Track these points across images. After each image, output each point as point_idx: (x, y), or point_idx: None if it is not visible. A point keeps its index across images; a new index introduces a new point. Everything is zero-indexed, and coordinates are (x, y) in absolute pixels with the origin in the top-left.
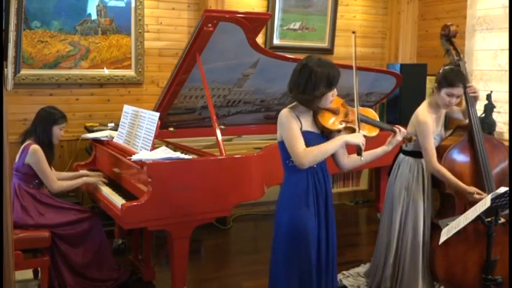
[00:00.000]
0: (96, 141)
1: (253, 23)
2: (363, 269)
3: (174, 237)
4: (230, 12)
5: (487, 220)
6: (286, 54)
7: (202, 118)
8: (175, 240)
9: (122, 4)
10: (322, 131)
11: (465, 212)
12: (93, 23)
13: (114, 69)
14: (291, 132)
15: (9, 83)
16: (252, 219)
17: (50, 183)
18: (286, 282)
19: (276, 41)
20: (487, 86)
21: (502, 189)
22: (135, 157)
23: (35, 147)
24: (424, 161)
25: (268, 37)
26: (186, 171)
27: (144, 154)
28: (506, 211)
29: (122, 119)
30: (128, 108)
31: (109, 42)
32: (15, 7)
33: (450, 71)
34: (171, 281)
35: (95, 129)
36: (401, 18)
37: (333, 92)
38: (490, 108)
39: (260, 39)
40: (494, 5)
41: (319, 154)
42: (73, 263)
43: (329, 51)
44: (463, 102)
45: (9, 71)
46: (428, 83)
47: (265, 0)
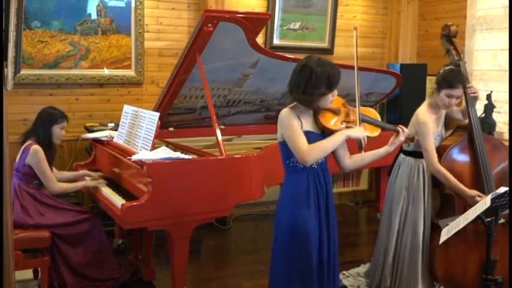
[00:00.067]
0: (96, 141)
1: (253, 23)
2: (363, 269)
3: (174, 237)
4: (230, 12)
5: (487, 220)
6: (286, 54)
7: (202, 118)
8: (175, 240)
9: (122, 4)
10: (322, 131)
11: (465, 212)
12: (93, 23)
13: (114, 69)
14: (292, 131)
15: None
16: (252, 219)
17: (49, 184)
18: (287, 283)
19: (276, 41)
20: (487, 86)
21: (502, 189)
22: (135, 157)
23: (36, 147)
24: (424, 161)
25: (268, 37)
26: (186, 171)
27: (144, 154)
28: (506, 211)
29: (122, 119)
30: (128, 108)
31: (109, 42)
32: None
33: (449, 72)
34: (171, 281)
35: (95, 129)
36: (401, 18)
37: (333, 92)
38: (490, 108)
39: (260, 39)
40: (494, 5)
41: (322, 150)
42: (73, 263)
43: (329, 51)
44: (463, 102)
45: (9, 71)
46: (428, 83)
47: (265, 0)
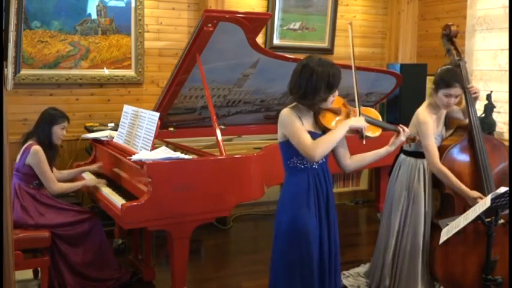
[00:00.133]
0: (96, 141)
1: (253, 23)
2: (363, 269)
3: (174, 237)
4: (230, 12)
5: (487, 220)
6: (286, 54)
7: (202, 118)
8: (175, 240)
9: (122, 4)
10: (323, 131)
11: (465, 212)
12: (93, 23)
13: (114, 69)
14: (295, 129)
15: (9, 83)
16: (252, 219)
17: (49, 185)
18: (287, 282)
19: (276, 41)
20: (487, 86)
21: (502, 189)
22: (135, 157)
23: (36, 148)
24: (425, 162)
25: (268, 37)
26: (186, 171)
27: (144, 154)
28: (506, 211)
29: (122, 119)
30: (128, 108)
31: (109, 42)
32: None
33: (446, 71)
34: (171, 281)
35: (95, 129)
36: (401, 18)
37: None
38: (490, 108)
39: (260, 39)
40: (494, 5)
41: (328, 144)
42: (73, 263)
43: (329, 51)
44: (463, 102)
45: (9, 71)
46: (428, 83)
47: (265, 0)
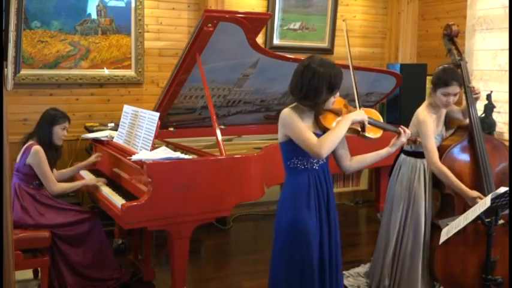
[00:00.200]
0: (96, 141)
1: (253, 23)
2: (363, 269)
3: (174, 237)
4: (230, 12)
5: (487, 220)
6: (286, 54)
7: (202, 118)
8: (175, 240)
9: (122, 4)
10: (324, 132)
11: (465, 212)
12: (93, 23)
13: (114, 69)
14: (298, 129)
15: (9, 83)
16: (252, 219)
17: (49, 185)
18: (287, 283)
19: (276, 41)
20: (487, 86)
21: (502, 189)
22: (135, 157)
23: (37, 148)
24: (425, 162)
25: (268, 37)
26: (186, 171)
27: (144, 154)
28: (506, 211)
29: (122, 119)
30: (128, 108)
31: (109, 42)
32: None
33: (443, 71)
34: (171, 281)
35: (95, 129)
36: (401, 18)
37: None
38: (490, 108)
39: (260, 39)
40: (494, 5)
41: (333, 140)
42: (73, 262)
43: (329, 51)
44: (463, 102)
45: (9, 71)
46: (428, 83)
47: (265, 0)
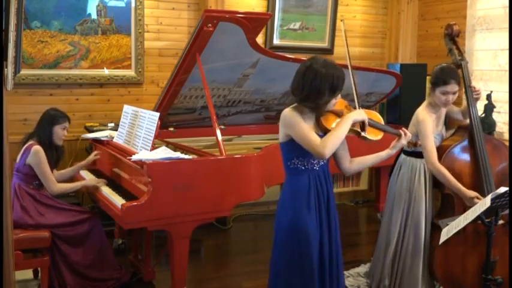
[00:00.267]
0: (96, 141)
1: (253, 23)
2: (363, 269)
3: (174, 237)
4: (230, 12)
5: (486, 220)
6: (286, 54)
7: (202, 118)
8: (175, 240)
9: (122, 4)
10: (325, 133)
11: (465, 212)
12: (93, 23)
13: (114, 69)
14: (301, 129)
15: (9, 83)
16: (252, 219)
17: (49, 185)
18: (287, 283)
19: (276, 41)
20: (487, 86)
21: (502, 189)
22: (135, 157)
23: (37, 148)
24: (425, 161)
25: (268, 37)
26: (186, 171)
27: (144, 154)
28: (506, 211)
29: (122, 119)
30: (128, 108)
31: (109, 42)
32: (15, 7)
33: (441, 70)
34: (171, 281)
35: (95, 129)
36: (401, 18)
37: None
38: (490, 108)
39: (260, 39)
40: (494, 5)
41: (335, 140)
42: (73, 262)
43: (329, 51)
44: (464, 103)
45: (9, 71)
46: (428, 83)
47: (265, 0)
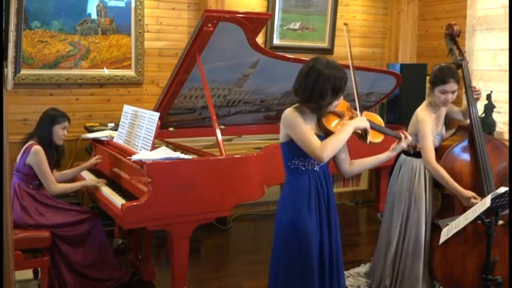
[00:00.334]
0: (96, 141)
1: (253, 23)
2: (363, 269)
3: (174, 237)
4: (230, 12)
5: (486, 220)
6: (286, 54)
7: (202, 118)
8: (175, 240)
9: (122, 4)
10: (326, 134)
11: (465, 212)
12: (93, 23)
13: (114, 69)
14: (301, 130)
15: (9, 83)
16: (252, 219)
17: (49, 185)
18: (287, 283)
19: (276, 41)
20: (487, 86)
21: (502, 189)
22: (135, 157)
23: (37, 148)
24: (423, 161)
25: (268, 37)
26: (186, 171)
27: (144, 154)
28: (506, 211)
29: (122, 119)
30: (128, 108)
31: (109, 42)
32: (15, 7)
33: (439, 69)
34: (171, 281)
35: (95, 129)
36: (401, 18)
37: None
38: (490, 108)
39: (260, 39)
40: (494, 5)
41: (336, 144)
42: (73, 262)
43: (329, 51)
44: (464, 103)
45: (9, 71)
46: (428, 83)
47: (265, 0)
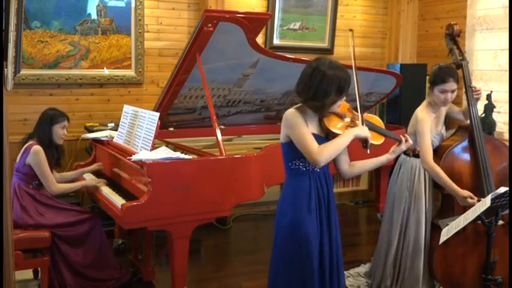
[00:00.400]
0: (96, 141)
1: (253, 23)
2: (363, 269)
3: (174, 237)
4: (230, 12)
5: (486, 220)
6: (286, 54)
7: (202, 118)
8: (175, 240)
9: (122, 4)
10: (327, 134)
11: (465, 212)
12: (93, 23)
13: (114, 69)
14: (301, 132)
15: (9, 83)
16: (252, 219)
17: (49, 185)
18: (287, 283)
19: (276, 41)
20: (487, 86)
21: (502, 189)
22: (135, 157)
23: (37, 148)
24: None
25: (268, 37)
26: (186, 171)
27: (144, 154)
28: (506, 211)
29: (122, 119)
30: (128, 108)
31: (109, 42)
32: (15, 7)
33: (439, 68)
34: (171, 281)
35: (95, 129)
36: (401, 18)
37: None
38: (490, 108)
39: (260, 39)
40: (494, 5)
41: (334, 150)
42: (73, 262)
43: (329, 51)
44: (464, 103)
45: (9, 71)
46: (428, 83)
47: (265, 0)
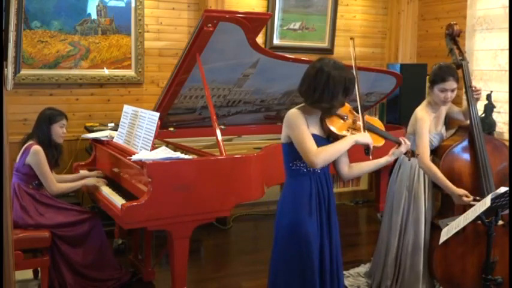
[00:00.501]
0: (96, 141)
1: (253, 23)
2: (363, 269)
3: (174, 237)
4: (230, 12)
5: (486, 220)
6: (286, 54)
7: (202, 118)
8: (175, 240)
9: (122, 4)
10: (328, 135)
11: (464, 212)
12: (93, 23)
13: (114, 69)
14: (301, 133)
15: (9, 83)
16: (252, 219)
17: (49, 185)
18: (287, 283)
19: (276, 41)
20: (487, 86)
21: (502, 189)
22: (135, 157)
23: (37, 148)
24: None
25: (268, 37)
26: (186, 171)
27: (144, 154)
28: (506, 211)
29: (122, 119)
30: (128, 108)
31: (109, 42)
32: (15, 7)
33: (439, 68)
34: (171, 281)
35: (95, 129)
36: (401, 18)
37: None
38: (490, 108)
39: (260, 39)
40: (494, 5)
41: (332, 153)
42: (73, 262)
43: (329, 51)
44: (464, 103)
45: (9, 71)
46: (428, 83)
47: (265, 0)
